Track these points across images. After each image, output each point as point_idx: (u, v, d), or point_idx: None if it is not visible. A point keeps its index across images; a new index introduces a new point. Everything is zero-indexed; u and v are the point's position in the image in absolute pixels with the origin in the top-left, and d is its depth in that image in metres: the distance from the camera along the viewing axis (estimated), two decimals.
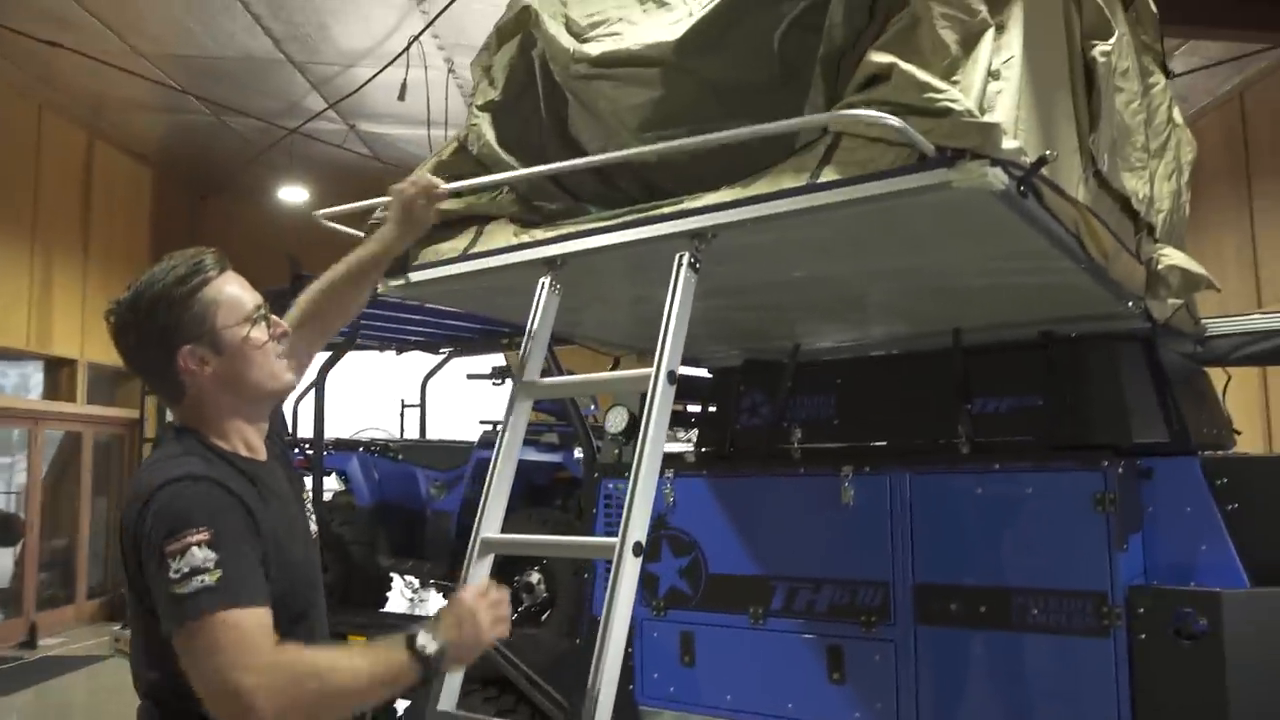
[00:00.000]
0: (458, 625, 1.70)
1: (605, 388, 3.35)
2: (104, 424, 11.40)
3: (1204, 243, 8.67)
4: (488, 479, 2.23)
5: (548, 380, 2.44)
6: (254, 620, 1.54)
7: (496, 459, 2.24)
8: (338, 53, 8.66)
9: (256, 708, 1.47)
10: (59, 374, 10.75)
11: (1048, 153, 1.86)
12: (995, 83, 1.86)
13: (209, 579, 1.51)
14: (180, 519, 1.56)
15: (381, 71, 8.48)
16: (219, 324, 1.76)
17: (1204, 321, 3.91)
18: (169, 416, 1.94)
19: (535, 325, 2.35)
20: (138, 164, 11.75)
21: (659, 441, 2.03)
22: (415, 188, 2.23)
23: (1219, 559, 2.95)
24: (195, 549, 1.53)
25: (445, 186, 2.29)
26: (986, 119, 1.78)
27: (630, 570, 1.90)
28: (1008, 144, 1.77)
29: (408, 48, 7.92)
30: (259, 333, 1.80)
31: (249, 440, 1.83)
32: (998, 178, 1.78)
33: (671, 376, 2.06)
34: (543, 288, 2.41)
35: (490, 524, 2.19)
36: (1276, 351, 4.11)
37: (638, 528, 1.93)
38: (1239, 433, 4.13)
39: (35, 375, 10.75)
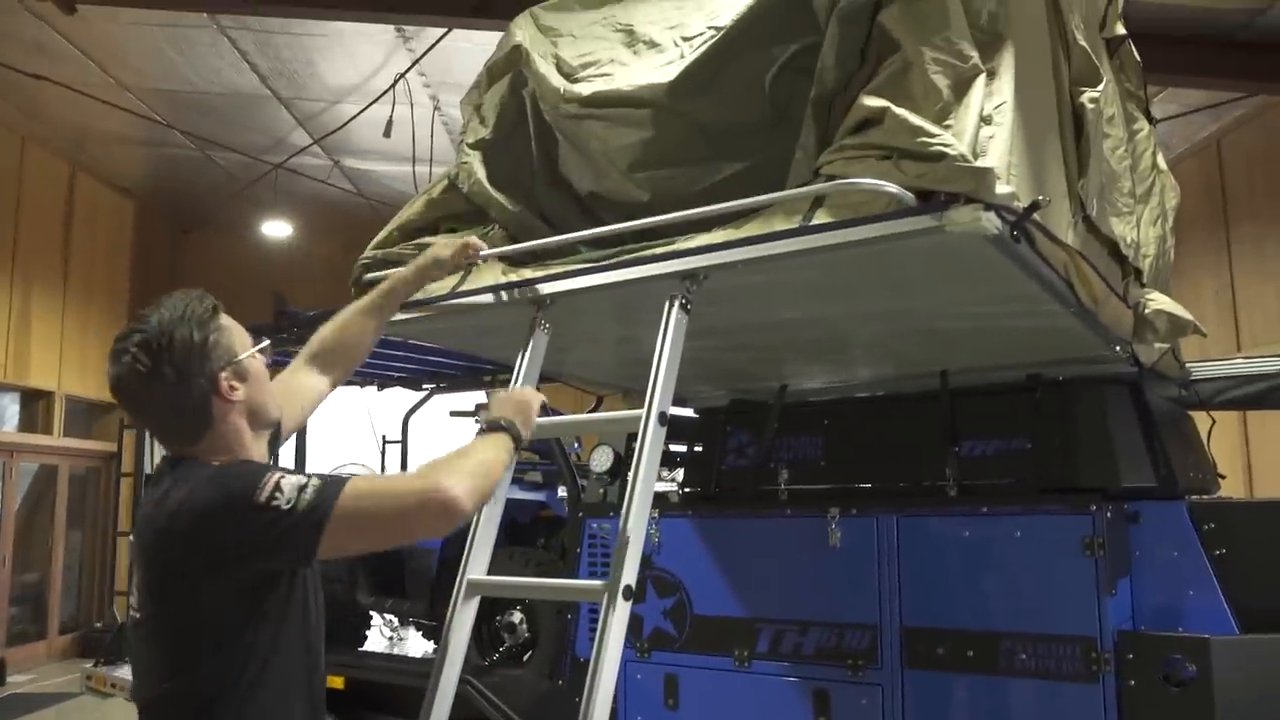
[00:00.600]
0: (512, 409, 1.99)
1: (596, 428, 3.32)
2: (80, 456, 11.24)
3: (1183, 287, 8.75)
4: (474, 521, 2.20)
5: (539, 420, 2.41)
6: (371, 477, 1.77)
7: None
8: (324, 89, 8.67)
9: (447, 492, 1.64)
10: (35, 406, 10.62)
11: (1040, 198, 1.87)
12: (987, 128, 1.87)
13: (315, 482, 1.65)
14: (250, 477, 1.67)
15: (367, 108, 8.50)
16: (239, 351, 1.87)
17: (1188, 366, 3.93)
18: (151, 453, 1.96)
19: (524, 364, 2.33)
20: (120, 197, 11.70)
21: (649, 483, 2.01)
22: (458, 246, 2.44)
23: (1207, 604, 2.94)
24: (283, 481, 1.65)
25: (486, 251, 2.45)
26: (980, 164, 1.78)
27: (620, 615, 1.87)
28: (1001, 189, 1.77)
29: (394, 85, 7.95)
30: (263, 359, 1.92)
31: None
32: (991, 222, 1.78)
33: (663, 418, 2.04)
34: (532, 327, 2.40)
35: (476, 566, 2.16)
36: (1259, 396, 4.13)
37: (629, 571, 1.90)
38: (1223, 476, 4.13)
39: (11, 406, 10.60)
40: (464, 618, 2.14)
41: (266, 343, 1.92)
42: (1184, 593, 2.99)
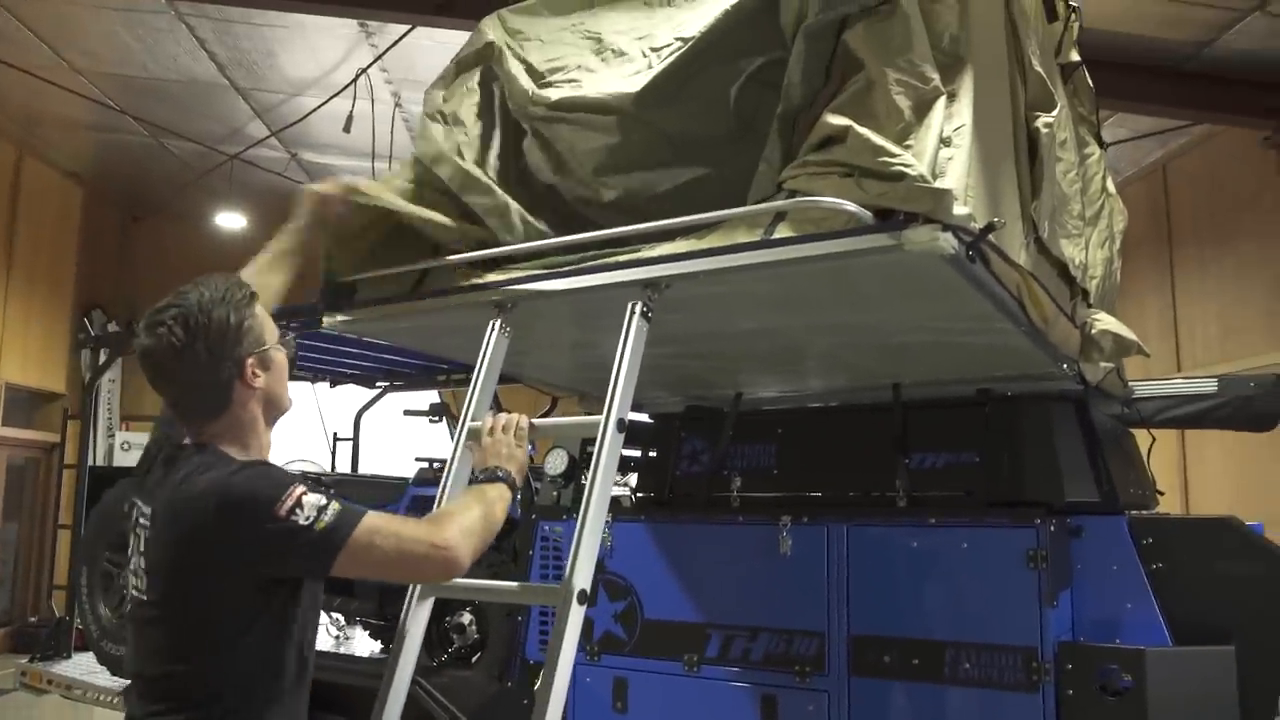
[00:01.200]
0: (505, 457, 2.09)
1: (554, 432, 3.33)
2: (19, 447, 10.98)
3: (1128, 307, 8.96)
4: None
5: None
6: (386, 515, 1.83)
7: (441, 501, 2.22)
8: (283, 80, 8.58)
9: (453, 550, 1.79)
10: None
11: (996, 220, 1.93)
12: (946, 149, 1.92)
13: (334, 506, 1.75)
14: (274, 487, 1.75)
15: (327, 102, 8.42)
16: (267, 341, 1.96)
17: (1130, 384, 4.04)
18: (116, 441, 1.99)
19: (484, 368, 2.34)
20: (69, 182, 11.45)
21: (606, 488, 2.03)
22: (333, 188, 2.52)
23: (1144, 617, 3.02)
24: (304, 498, 1.74)
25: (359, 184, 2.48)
26: (939, 184, 1.83)
27: (575, 618, 1.89)
28: (958, 210, 1.82)
29: (355, 80, 7.89)
30: (285, 353, 2.03)
31: (268, 458, 2.00)
32: (948, 242, 1.83)
33: (621, 424, 2.07)
34: (492, 330, 2.41)
35: None
36: (1197, 415, 4.26)
37: (583, 576, 1.92)
38: (1161, 493, 4.25)
39: None
40: (418, 618, 2.15)
41: (290, 336, 2.04)
42: (1122, 605, 3.06)
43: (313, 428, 8.37)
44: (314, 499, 1.75)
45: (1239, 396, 4.18)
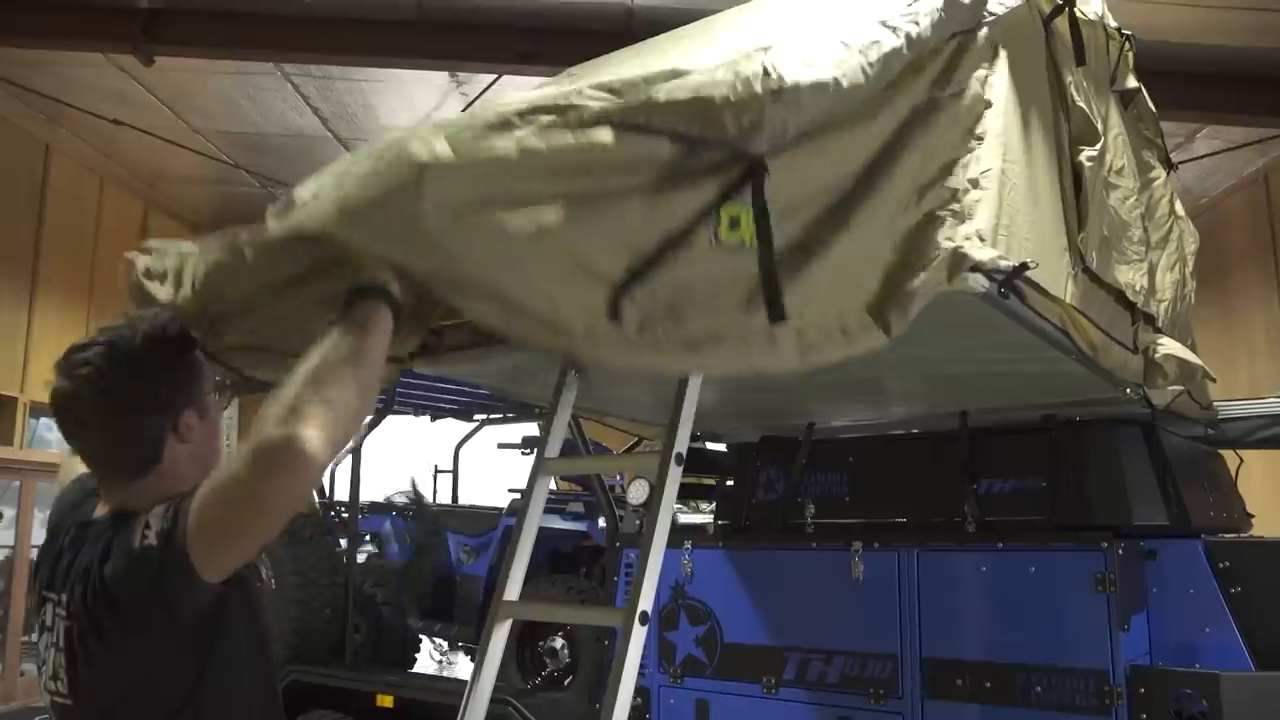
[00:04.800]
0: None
1: (615, 466, 3.50)
2: None
3: (1233, 325, 8.72)
4: (510, 547, 2.38)
5: (566, 460, 2.60)
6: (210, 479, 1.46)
7: (519, 529, 2.40)
8: (381, 130, 9.03)
9: (279, 449, 1.34)
10: None
11: (1029, 260, 2.02)
12: (975, 191, 2.02)
13: (174, 506, 1.46)
14: (132, 526, 1.50)
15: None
16: (205, 388, 1.69)
17: (1217, 405, 4.00)
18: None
19: (557, 406, 2.51)
20: (190, 232, 12.20)
21: (667, 517, 2.16)
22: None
23: (1223, 641, 3.02)
24: (150, 515, 1.48)
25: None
26: (964, 228, 1.93)
27: (637, 639, 2.03)
28: (986, 253, 1.92)
29: None
30: (221, 403, 1.76)
31: None
32: (978, 282, 1.93)
33: (679, 458, 2.20)
34: (564, 371, 2.58)
35: (511, 589, 2.34)
36: None
37: (645, 598, 2.07)
38: (1253, 516, 4.18)
39: None
40: (497, 639, 2.32)
41: (228, 385, 1.76)
42: (1200, 629, 3.07)
43: (415, 460, 8.73)
44: (159, 510, 1.48)
45: None
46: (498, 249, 1.47)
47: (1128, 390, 3.00)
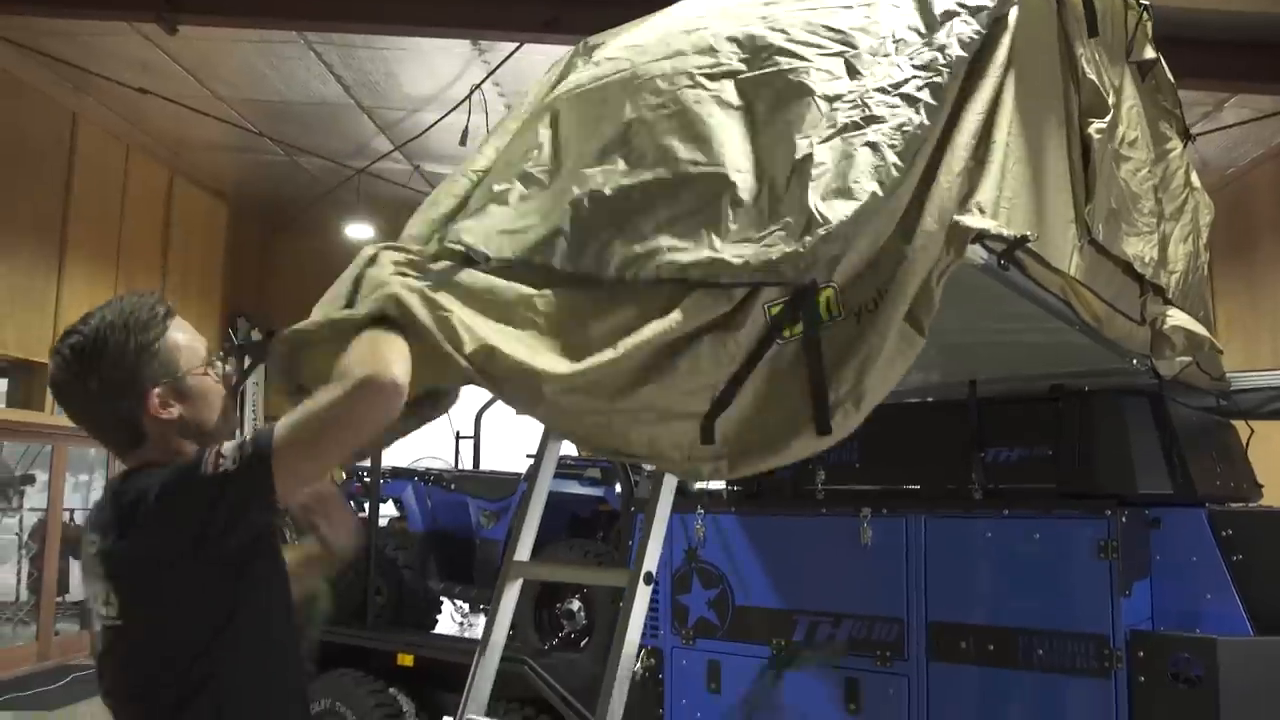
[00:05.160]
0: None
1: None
2: None
3: (1258, 297, 8.66)
4: (519, 510, 2.46)
5: None
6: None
7: (531, 492, 2.48)
8: (404, 98, 9.08)
9: (375, 374, 1.59)
10: None
11: (1029, 233, 2.05)
12: (978, 165, 2.06)
13: (250, 434, 1.63)
14: (195, 458, 1.63)
15: (445, 117, 8.87)
16: (182, 369, 1.78)
17: (1232, 376, 4.02)
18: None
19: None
20: (214, 200, 12.33)
21: (671, 482, 2.23)
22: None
23: (1224, 608, 3.07)
24: (222, 448, 1.61)
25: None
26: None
27: (642, 597, 2.11)
28: (984, 222, 1.96)
29: (469, 95, 8.29)
30: (214, 377, 1.84)
31: None
32: (976, 253, 1.98)
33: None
34: None
35: (522, 550, 2.42)
36: None
37: (650, 559, 2.15)
38: (1262, 486, 4.20)
39: None
40: (509, 598, 2.41)
41: (217, 361, 1.86)
42: (1202, 595, 3.12)
43: (439, 427, 8.81)
44: (232, 443, 1.62)
45: None
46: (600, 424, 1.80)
47: (1134, 361, 3.04)
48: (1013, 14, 2.23)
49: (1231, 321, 8.23)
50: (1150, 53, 3.36)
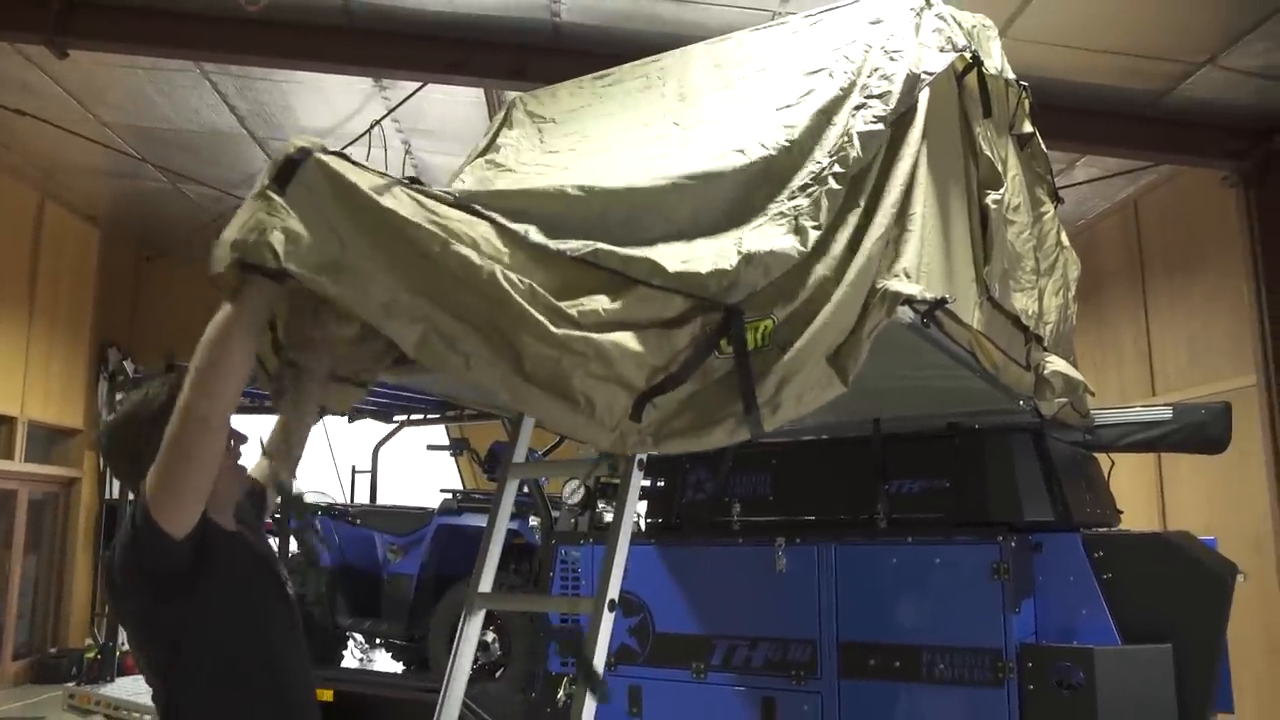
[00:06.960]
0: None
1: (578, 469, 3.76)
2: (40, 482, 11.34)
3: (1104, 336, 9.44)
4: (482, 545, 2.62)
5: (532, 464, 2.84)
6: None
7: (491, 528, 2.63)
8: (299, 130, 9.01)
9: (198, 414, 1.86)
10: None
11: (946, 295, 2.35)
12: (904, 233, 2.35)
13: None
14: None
15: (341, 151, 8.86)
16: None
17: (1094, 413, 4.47)
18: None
19: (523, 417, 2.76)
20: (86, 225, 11.88)
21: (631, 514, 2.43)
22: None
23: (1097, 622, 3.44)
24: None
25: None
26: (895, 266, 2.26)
27: (607, 623, 2.30)
28: (911, 288, 2.25)
29: (369, 130, 8.33)
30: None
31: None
32: (905, 313, 2.26)
33: (641, 464, 2.47)
34: None
35: (484, 583, 2.58)
36: (1155, 440, 4.67)
37: (614, 588, 2.34)
38: (1121, 512, 4.67)
39: None
40: (472, 630, 2.55)
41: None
42: (1079, 611, 3.49)
43: (323, 461, 8.74)
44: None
45: (1191, 423, 4.59)
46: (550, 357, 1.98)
47: (1020, 402, 3.40)
48: (923, 96, 2.55)
49: (1082, 358, 8.90)
50: (1028, 127, 3.77)
